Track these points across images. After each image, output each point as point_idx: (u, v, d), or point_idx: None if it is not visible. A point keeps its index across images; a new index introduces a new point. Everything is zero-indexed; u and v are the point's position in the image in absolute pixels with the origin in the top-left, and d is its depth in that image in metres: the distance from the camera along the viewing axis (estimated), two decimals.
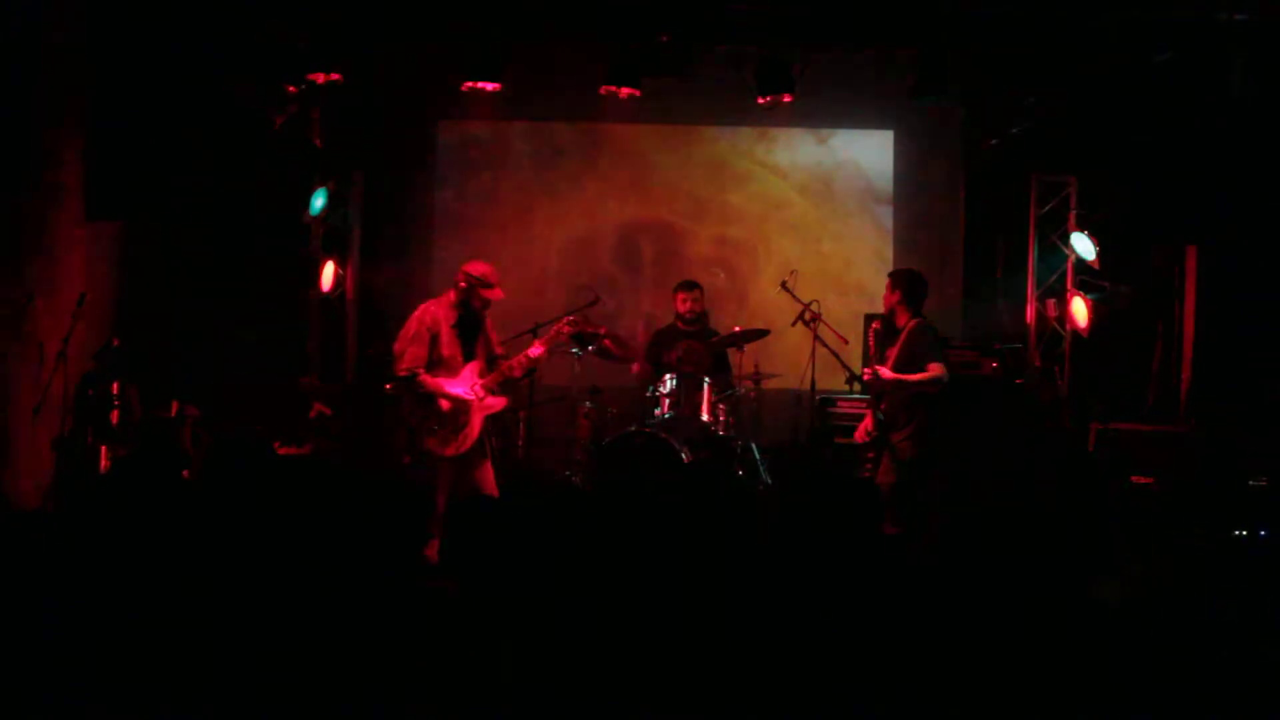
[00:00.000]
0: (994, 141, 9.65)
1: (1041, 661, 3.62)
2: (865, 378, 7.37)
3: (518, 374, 7.24)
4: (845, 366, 7.47)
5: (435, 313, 7.04)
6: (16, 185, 7.72)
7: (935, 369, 7.09)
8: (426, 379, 6.92)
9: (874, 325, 7.62)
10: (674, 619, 3.74)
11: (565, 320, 7.41)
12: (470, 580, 3.96)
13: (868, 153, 10.66)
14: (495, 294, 7.07)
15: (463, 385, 6.99)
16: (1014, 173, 10.07)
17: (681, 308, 9.01)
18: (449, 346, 7.01)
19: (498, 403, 7.14)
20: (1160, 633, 3.67)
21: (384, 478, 7.64)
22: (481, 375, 7.09)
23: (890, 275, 7.51)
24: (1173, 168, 8.95)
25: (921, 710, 3.50)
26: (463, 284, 7.04)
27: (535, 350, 7.18)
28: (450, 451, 6.92)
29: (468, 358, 7.08)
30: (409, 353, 6.93)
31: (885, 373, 7.16)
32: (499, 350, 7.31)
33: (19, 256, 7.78)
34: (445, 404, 6.94)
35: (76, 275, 8.18)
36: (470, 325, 7.12)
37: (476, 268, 7.10)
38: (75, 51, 8.14)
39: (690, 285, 9.09)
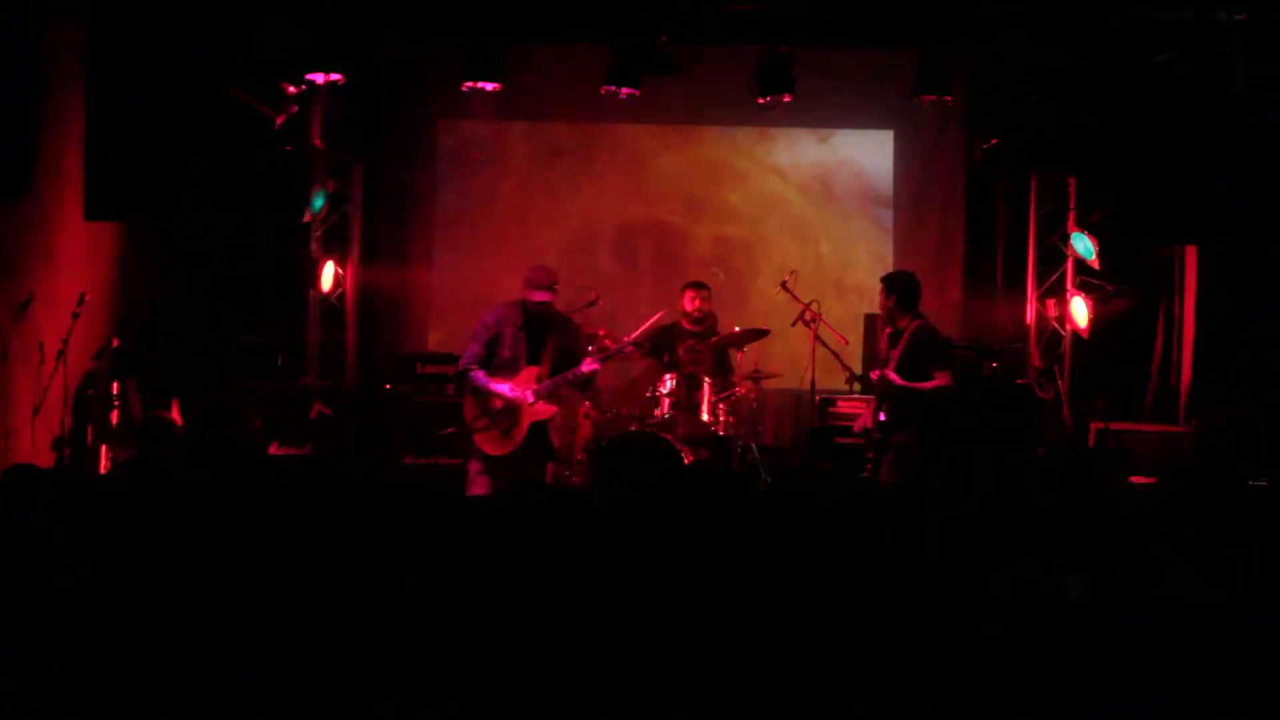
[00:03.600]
0: (994, 141, 9.65)
1: (1039, 660, 3.63)
2: (874, 377, 7.35)
3: (573, 387, 7.35)
4: (845, 366, 7.48)
5: (501, 314, 7.13)
6: (16, 186, 7.73)
7: (942, 378, 7.08)
8: (477, 376, 7.03)
9: (885, 330, 7.60)
10: (673, 619, 3.75)
11: (624, 340, 7.67)
12: (469, 579, 3.97)
13: (868, 153, 10.67)
14: (538, 295, 7.06)
15: (516, 387, 7.03)
16: (1014, 173, 10.05)
17: (689, 306, 9.01)
18: (511, 348, 7.08)
19: (547, 410, 7.15)
20: (1158, 632, 3.68)
21: (384, 477, 7.64)
22: (539, 380, 7.10)
23: (883, 280, 7.50)
24: (1173, 167, 8.94)
25: (920, 710, 3.51)
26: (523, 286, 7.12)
27: (587, 366, 7.20)
28: (496, 450, 7.01)
29: (531, 361, 7.11)
30: (467, 350, 7.12)
31: (895, 379, 7.11)
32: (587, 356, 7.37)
33: (19, 256, 7.79)
34: (497, 403, 7.03)
35: (76, 275, 8.19)
36: (538, 329, 7.13)
37: (529, 269, 7.21)
38: (75, 51, 8.14)
39: (699, 285, 9.11)
